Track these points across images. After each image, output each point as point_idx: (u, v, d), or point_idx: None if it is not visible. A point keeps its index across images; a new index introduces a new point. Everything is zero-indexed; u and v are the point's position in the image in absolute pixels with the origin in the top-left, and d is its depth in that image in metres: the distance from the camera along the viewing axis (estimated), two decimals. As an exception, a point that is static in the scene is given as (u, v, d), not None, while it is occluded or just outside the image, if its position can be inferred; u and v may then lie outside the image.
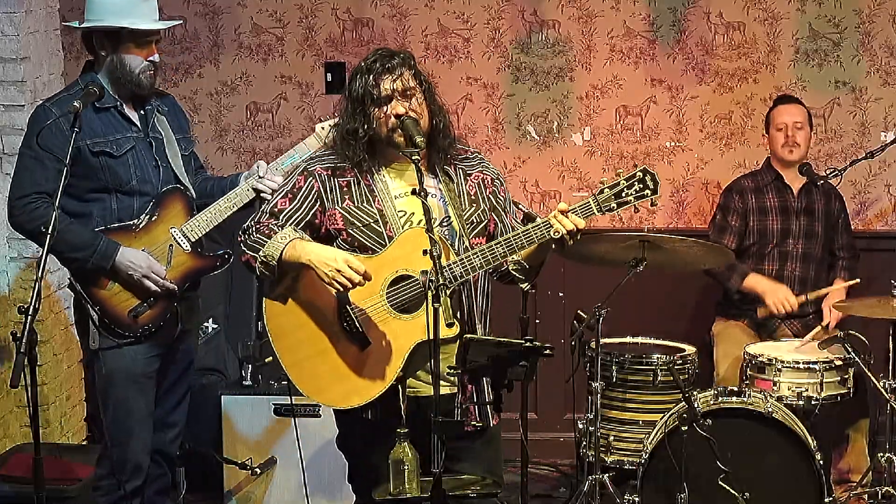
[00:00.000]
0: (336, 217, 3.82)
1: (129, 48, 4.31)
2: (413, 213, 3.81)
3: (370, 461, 3.80)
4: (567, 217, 3.71)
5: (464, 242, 3.82)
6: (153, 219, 4.36)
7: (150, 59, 4.35)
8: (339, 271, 3.68)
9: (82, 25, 4.40)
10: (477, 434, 3.92)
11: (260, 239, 3.79)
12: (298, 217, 3.84)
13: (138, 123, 4.41)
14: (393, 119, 3.77)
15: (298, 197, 3.84)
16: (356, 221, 3.80)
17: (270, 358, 3.91)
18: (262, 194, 4.40)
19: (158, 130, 4.43)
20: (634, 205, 3.78)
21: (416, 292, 3.76)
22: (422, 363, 3.78)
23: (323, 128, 4.39)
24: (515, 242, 3.74)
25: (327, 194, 3.83)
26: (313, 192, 3.84)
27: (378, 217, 3.80)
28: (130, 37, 4.31)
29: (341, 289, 3.71)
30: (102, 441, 4.50)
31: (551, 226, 3.72)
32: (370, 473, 3.79)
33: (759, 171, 5.80)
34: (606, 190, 3.77)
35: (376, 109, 3.78)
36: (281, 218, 3.83)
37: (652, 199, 3.79)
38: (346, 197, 3.82)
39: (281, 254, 3.74)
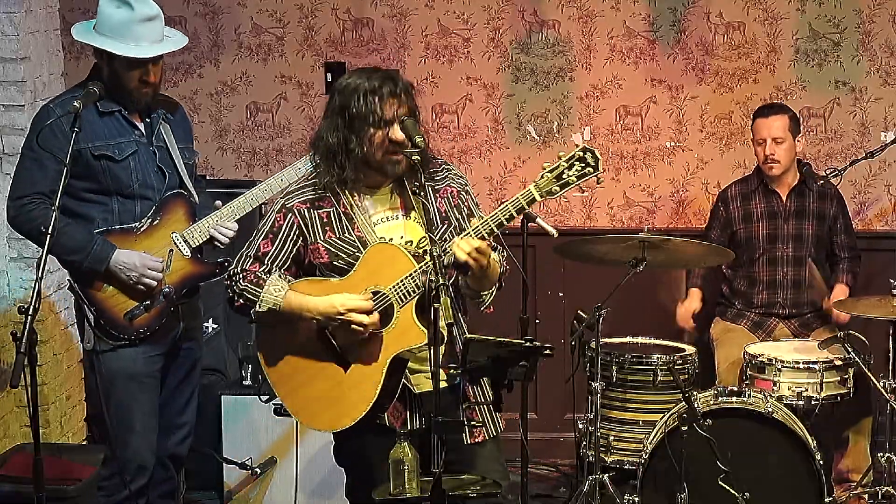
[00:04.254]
0: (320, 251, 3.82)
1: (124, 67, 4.29)
2: (392, 239, 3.81)
3: (383, 469, 3.75)
4: (463, 241, 3.66)
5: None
6: (155, 223, 4.36)
7: (144, 79, 4.31)
8: (345, 319, 3.73)
9: (79, 39, 4.39)
10: (483, 441, 3.93)
11: (249, 288, 3.83)
12: (283, 258, 3.85)
13: (143, 130, 4.40)
14: (388, 144, 3.73)
15: (280, 236, 3.84)
16: (340, 253, 3.80)
17: (266, 396, 3.95)
18: (215, 243, 4.41)
19: (163, 139, 4.42)
20: (579, 185, 3.75)
21: (386, 307, 3.76)
22: (402, 370, 3.79)
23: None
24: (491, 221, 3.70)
25: (308, 229, 3.82)
26: (294, 229, 3.83)
27: (360, 245, 3.80)
28: (122, 58, 4.27)
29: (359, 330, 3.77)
30: (107, 441, 4.49)
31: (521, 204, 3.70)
32: (380, 483, 3.76)
33: (749, 176, 5.80)
34: (547, 175, 3.72)
35: (376, 131, 3.73)
36: (266, 262, 3.84)
37: (596, 176, 3.75)
38: (328, 229, 3.81)
39: (279, 307, 3.80)
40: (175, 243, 4.38)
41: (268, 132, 6.43)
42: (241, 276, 3.85)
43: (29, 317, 3.66)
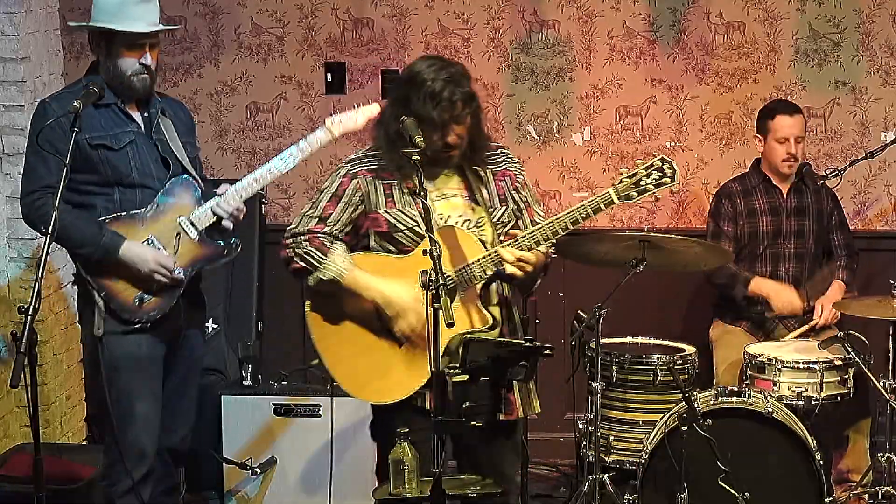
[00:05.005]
0: (380, 220, 3.93)
1: (121, 50, 4.31)
2: (449, 217, 3.93)
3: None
4: (508, 250, 3.85)
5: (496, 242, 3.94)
6: (161, 208, 4.37)
7: (142, 61, 4.33)
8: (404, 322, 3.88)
9: (73, 24, 4.48)
10: (508, 428, 4.05)
11: (313, 253, 3.94)
12: (345, 221, 3.97)
13: (141, 123, 4.41)
14: (440, 145, 3.88)
15: (343, 200, 3.96)
16: (400, 225, 3.91)
17: (316, 360, 3.99)
18: (223, 222, 4.41)
19: (162, 132, 4.43)
20: (655, 193, 3.89)
21: (448, 288, 3.84)
22: (458, 354, 3.85)
23: (332, 122, 4.48)
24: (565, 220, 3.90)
25: (371, 197, 3.94)
26: (358, 194, 3.95)
27: (419, 220, 3.89)
28: (121, 39, 4.30)
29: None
30: (108, 430, 4.46)
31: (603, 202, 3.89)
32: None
33: (747, 173, 5.79)
34: (626, 179, 3.89)
35: (431, 132, 3.86)
36: (329, 223, 3.95)
37: (671, 186, 3.90)
38: (389, 200, 3.93)
39: (342, 279, 3.90)
40: (182, 227, 4.39)
41: (268, 132, 6.43)
42: (305, 237, 3.97)
43: (29, 317, 3.66)
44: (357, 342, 3.95)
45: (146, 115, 4.43)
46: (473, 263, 3.85)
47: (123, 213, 4.34)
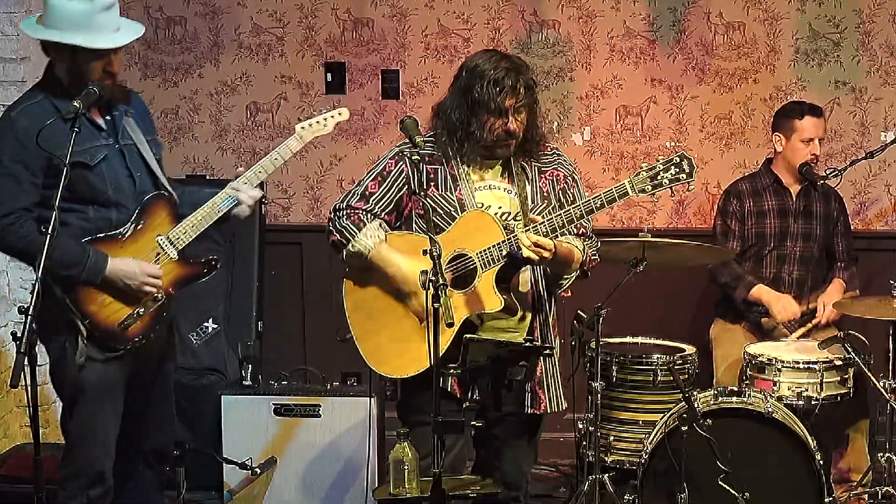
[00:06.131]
0: (421, 203, 4.01)
1: (88, 59, 4.15)
2: (490, 206, 4.05)
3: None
4: (526, 235, 3.94)
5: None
6: (139, 227, 4.23)
7: (107, 70, 4.20)
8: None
9: (36, 36, 4.24)
10: (533, 423, 4.18)
11: (349, 227, 4.08)
12: (387, 201, 4.11)
13: (107, 129, 4.26)
14: (502, 132, 4.01)
15: (388, 180, 4.12)
16: (438, 209, 4.04)
17: (350, 335, 4.06)
18: (239, 205, 4.31)
19: (128, 136, 4.29)
20: (670, 188, 3.99)
21: (468, 270, 3.98)
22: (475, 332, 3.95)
23: (303, 127, 4.43)
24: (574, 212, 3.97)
25: (415, 180, 4.05)
26: (402, 176, 4.10)
27: (458, 206, 4.04)
28: (86, 50, 4.13)
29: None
30: (67, 442, 4.34)
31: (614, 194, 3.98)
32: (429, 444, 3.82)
33: (757, 173, 5.78)
34: (643, 172, 3.99)
35: (492, 119, 4.00)
36: (371, 201, 4.10)
37: (688, 183, 3.99)
38: (432, 184, 4.07)
39: (369, 254, 4.04)
40: (161, 247, 4.27)
41: (268, 132, 6.43)
42: (345, 212, 4.11)
43: (29, 317, 3.65)
44: (383, 317, 4.08)
45: (109, 118, 4.28)
46: (493, 246, 3.96)
47: (101, 235, 4.19)
